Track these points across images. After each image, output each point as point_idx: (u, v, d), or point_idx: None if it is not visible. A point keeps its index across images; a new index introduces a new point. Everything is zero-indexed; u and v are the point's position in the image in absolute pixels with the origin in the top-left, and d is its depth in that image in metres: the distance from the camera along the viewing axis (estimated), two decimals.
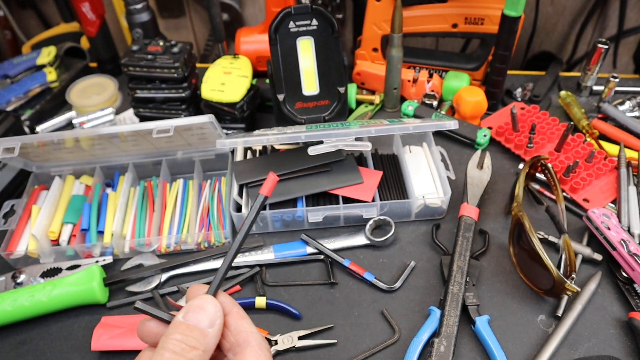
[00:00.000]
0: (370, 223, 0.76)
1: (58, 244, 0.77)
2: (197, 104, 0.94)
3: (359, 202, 0.77)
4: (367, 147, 0.75)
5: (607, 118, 0.91)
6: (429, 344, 0.62)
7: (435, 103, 0.97)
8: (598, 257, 0.71)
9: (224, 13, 1.29)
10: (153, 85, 0.87)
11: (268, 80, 0.89)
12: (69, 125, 1.01)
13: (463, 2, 0.92)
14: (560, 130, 0.87)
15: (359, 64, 1.01)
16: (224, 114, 0.90)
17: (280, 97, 0.85)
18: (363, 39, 1.00)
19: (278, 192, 0.77)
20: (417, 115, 0.95)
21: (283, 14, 0.81)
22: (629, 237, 0.69)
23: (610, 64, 1.20)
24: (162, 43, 0.88)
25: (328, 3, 1.20)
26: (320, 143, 0.74)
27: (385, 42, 0.96)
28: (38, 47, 1.15)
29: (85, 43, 1.20)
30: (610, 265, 0.71)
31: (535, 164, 0.78)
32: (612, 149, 0.86)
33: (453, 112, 0.97)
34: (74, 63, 1.11)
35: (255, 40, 1.06)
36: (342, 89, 0.85)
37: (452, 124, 0.76)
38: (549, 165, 0.77)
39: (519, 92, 0.98)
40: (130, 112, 1.01)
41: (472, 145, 0.90)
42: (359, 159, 0.84)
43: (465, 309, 0.66)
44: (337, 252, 0.74)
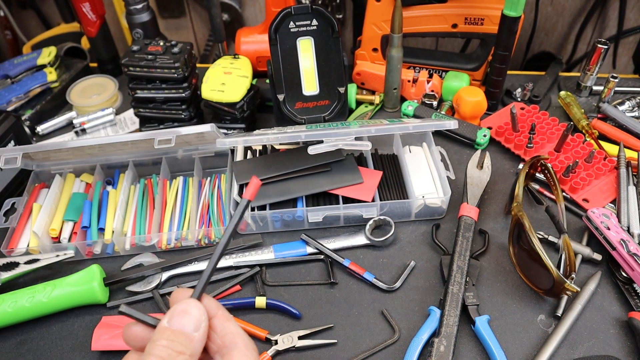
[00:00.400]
0: (370, 223, 0.76)
1: (59, 242, 0.77)
2: (197, 104, 0.94)
3: (359, 202, 0.77)
4: (367, 146, 0.75)
5: (606, 118, 0.91)
6: (429, 344, 0.62)
7: (435, 103, 0.97)
8: (598, 257, 0.71)
9: (224, 13, 1.29)
10: (153, 86, 0.87)
11: (268, 80, 0.89)
12: (70, 125, 1.01)
13: (463, 2, 0.92)
14: (560, 131, 0.87)
15: (359, 64, 1.02)
16: (224, 114, 0.90)
17: (280, 97, 0.85)
18: (363, 39, 1.00)
19: (278, 192, 0.77)
20: (417, 115, 0.95)
21: (283, 14, 0.81)
22: (629, 237, 0.70)
23: (610, 64, 1.20)
24: (162, 43, 0.88)
25: (328, 3, 1.20)
26: (320, 143, 0.74)
27: (385, 42, 0.97)
28: (38, 47, 1.15)
29: (86, 43, 1.20)
30: (610, 265, 0.71)
31: (535, 164, 0.78)
32: (611, 149, 0.86)
33: (453, 112, 0.97)
34: (75, 63, 1.11)
35: (256, 41, 1.06)
36: (342, 89, 0.85)
37: (452, 124, 0.76)
38: (549, 165, 0.77)
39: (519, 92, 0.98)
40: (131, 112, 1.01)
41: (472, 145, 0.90)
42: (359, 159, 0.85)
43: (465, 309, 0.66)
44: (337, 252, 0.74)
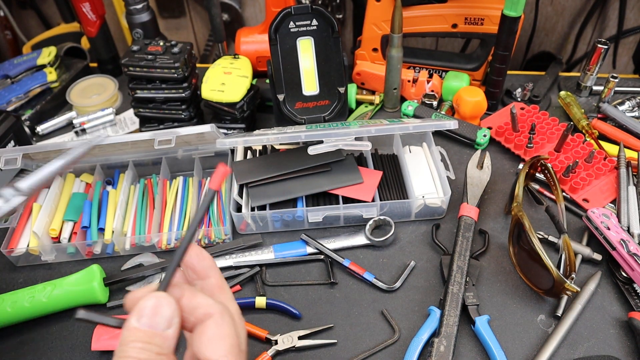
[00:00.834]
0: (370, 223, 0.76)
1: (59, 242, 0.77)
2: (197, 104, 0.94)
3: (359, 202, 0.77)
4: (367, 146, 0.75)
5: (606, 118, 0.91)
6: (429, 344, 0.62)
7: (435, 103, 0.97)
8: (598, 257, 0.71)
9: (224, 13, 1.29)
10: (153, 86, 0.87)
11: (268, 80, 0.89)
12: (69, 125, 1.01)
13: (463, 2, 0.92)
14: (560, 131, 0.87)
15: (359, 64, 1.02)
16: (224, 114, 0.90)
17: (280, 97, 0.85)
18: (363, 39, 1.00)
19: (278, 192, 0.77)
20: (417, 115, 0.95)
21: (283, 14, 0.81)
22: (629, 237, 0.70)
23: (610, 64, 1.20)
24: (162, 43, 0.88)
25: (328, 3, 1.20)
26: (320, 143, 0.74)
27: (385, 42, 0.97)
28: (38, 47, 1.15)
29: (86, 43, 1.20)
30: (610, 265, 0.71)
31: (535, 164, 0.78)
32: (611, 149, 0.86)
33: (453, 112, 0.97)
34: (74, 63, 1.11)
35: (255, 41, 1.06)
36: (342, 89, 0.85)
37: (452, 124, 0.76)
38: (549, 165, 0.77)
39: (519, 92, 0.98)
40: (131, 112, 1.01)
41: (472, 145, 0.90)
42: (359, 159, 0.85)
43: (465, 309, 0.66)
44: (337, 252, 0.74)
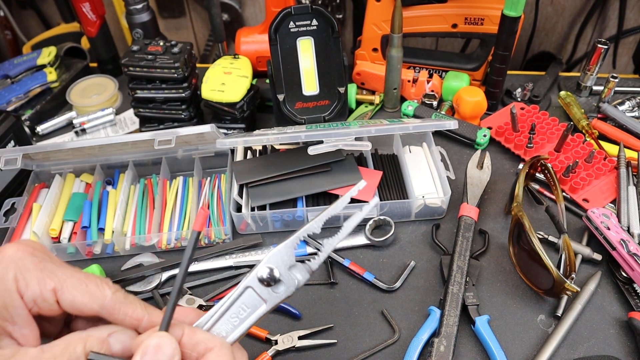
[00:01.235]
0: (370, 223, 0.76)
1: (59, 242, 0.77)
2: (197, 104, 0.94)
3: (359, 202, 0.77)
4: (367, 146, 0.75)
5: (606, 118, 0.91)
6: (429, 344, 0.62)
7: (435, 103, 0.97)
8: (598, 257, 0.71)
9: (224, 13, 1.29)
10: (153, 86, 0.87)
11: (268, 80, 0.89)
12: (70, 125, 1.01)
13: (463, 2, 0.92)
14: (560, 131, 0.87)
15: (359, 64, 1.02)
16: (224, 114, 0.90)
17: (280, 97, 0.85)
18: (363, 39, 1.00)
19: (278, 192, 0.77)
20: (417, 115, 0.95)
21: (283, 14, 0.81)
22: (629, 237, 0.70)
23: (610, 64, 1.20)
24: (162, 43, 0.88)
25: (328, 3, 1.20)
26: (320, 143, 0.74)
27: (385, 42, 0.97)
28: (38, 47, 1.15)
29: (86, 43, 1.20)
30: (610, 265, 0.71)
31: (535, 164, 0.78)
32: (611, 149, 0.86)
33: (453, 112, 0.97)
34: (74, 63, 1.11)
35: (255, 41, 1.06)
36: (342, 89, 0.85)
37: (452, 124, 0.76)
38: (549, 165, 0.77)
39: (519, 92, 0.98)
40: (131, 112, 1.01)
41: (472, 145, 0.90)
42: (359, 159, 0.85)
43: (465, 309, 0.66)
44: (337, 252, 0.74)
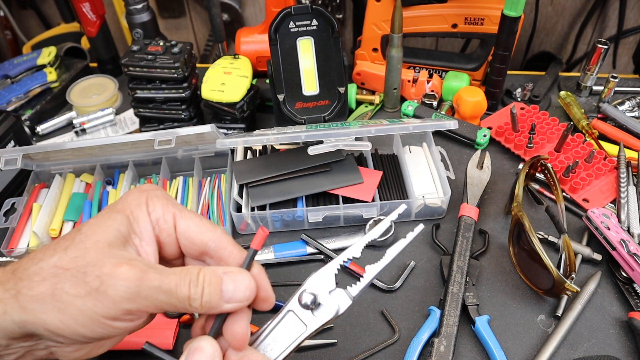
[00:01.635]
0: (370, 223, 0.76)
1: None
2: (197, 104, 0.94)
3: (359, 202, 0.77)
4: (367, 147, 0.75)
5: (606, 118, 0.91)
6: (429, 344, 0.62)
7: (435, 103, 0.97)
8: (598, 257, 0.71)
9: (224, 13, 1.29)
10: (153, 86, 0.87)
11: (268, 80, 0.89)
12: (70, 125, 1.01)
13: (463, 2, 0.92)
14: (560, 131, 0.87)
15: (359, 64, 1.02)
16: (224, 114, 0.90)
17: (280, 97, 0.85)
18: (363, 39, 1.00)
19: (278, 192, 0.77)
20: (417, 115, 0.95)
21: (283, 14, 0.81)
22: (629, 237, 0.70)
23: (610, 64, 1.20)
24: (162, 43, 0.88)
25: (328, 3, 1.20)
26: (320, 143, 0.74)
27: (385, 42, 0.97)
28: (38, 47, 1.15)
29: (86, 43, 1.20)
30: (610, 265, 0.71)
31: (535, 164, 0.78)
32: (611, 149, 0.86)
33: (453, 112, 0.97)
34: (74, 63, 1.11)
35: (255, 41, 1.06)
36: (342, 89, 0.85)
37: (452, 124, 0.76)
38: (549, 165, 0.77)
39: (519, 92, 0.98)
40: (131, 112, 1.01)
41: (472, 145, 0.90)
42: (359, 159, 0.85)
43: (465, 309, 0.66)
44: (337, 252, 0.74)
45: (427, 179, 0.81)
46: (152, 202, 0.43)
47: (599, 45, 0.91)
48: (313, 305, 0.43)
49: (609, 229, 0.70)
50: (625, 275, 0.68)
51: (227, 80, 0.87)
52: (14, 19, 1.31)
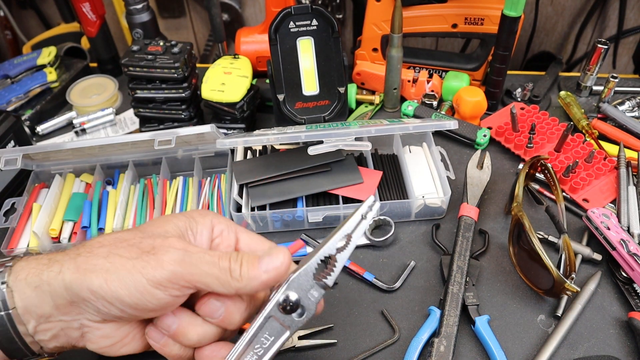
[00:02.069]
0: (370, 223, 0.76)
1: (59, 242, 0.77)
2: (197, 104, 0.94)
3: (359, 202, 0.77)
4: (367, 147, 0.75)
5: (606, 118, 0.91)
6: (429, 344, 0.62)
7: (435, 103, 0.97)
8: (598, 257, 0.71)
9: (224, 13, 1.29)
10: (153, 86, 0.87)
11: (268, 80, 0.89)
12: (70, 125, 1.01)
13: (463, 2, 0.92)
14: (560, 131, 0.87)
15: (359, 64, 1.02)
16: (224, 114, 0.90)
17: (280, 97, 0.85)
18: (363, 39, 1.00)
19: (278, 192, 0.77)
20: (417, 115, 0.95)
21: (283, 14, 0.81)
22: (629, 237, 0.70)
23: (610, 64, 1.20)
24: (162, 43, 0.88)
25: (328, 3, 1.20)
26: (320, 143, 0.74)
27: (385, 42, 0.97)
28: (38, 47, 1.15)
29: (86, 43, 1.20)
30: (610, 265, 0.71)
31: (535, 164, 0.78)
32: (611, 149, 0.86)
33: (453, 112, 0.97)
34: (74, 63, 1.11)
35: (255, 40, 1.06)
36: (342, 89, 0.85)
37: (452, 124, 0.76)
38: (549, 165, 0.77)
39: (519, 92, 0.98)
40: (131, 112, 1.01)
41: (472, 145, 0.90)
42: (359, 159, 0.85)
43: (465, 309, 0.66)
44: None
45: (427, 179, 0.81)
46: (217, 219, 0.50)
47: (599, 45, 0.91)
48: (294, 310, 0.44)
49: (609, 229, 0.70)
50: (625, 275, 0.68)
51: (227, 80, 0.87)
52: (14, 19, 1.31)
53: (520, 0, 0.81)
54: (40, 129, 0.99)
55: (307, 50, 0.84)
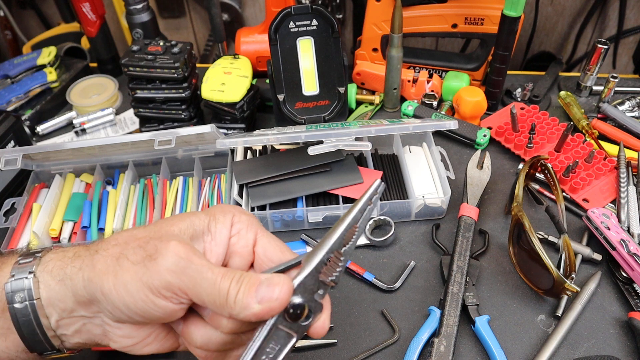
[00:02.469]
0: (370, 223, 0.76)
1: (59, 242, 0.77)
2: (197, 104, 0.94)
3: None
4: (367, 147, 0.75)
5: (606, 118, 0.91)
6: (429, 344, 0.62)
7: (435, 103, 0.97)
8: (598, 257, 0.71)
9: (224, 13, 1.29)
10: (153, 86, 0.87)
11: (268, 80, 0.89)
12: (70, 125, 1.01)
13: (463, 2, 0.92)
14: (560, 131, 0.87)
15: (359, 64, 1.02)
16: (224, 114, 0.90)
17: (280, 97, 0.85)
18: (363, 39, 1.00)
19: (278, 192, 0.77)
20: (417, 115, 0.95)
21: (283, 14, 0.81)
22: (629, 237, 0.70)
23: (610, 64, 1.20)
24: (162, 43, 0.88)
25: (328, 3, 1.20)
26: (320, 143, 0.74)
27: (385, 42, 0.97)
28: (38, 47, 1.15)
29: (86, 43, 1.20)
30: (610, 265, 0.71)
31: (535, 164, 0.78)
32: (611, 149, 0.86)
33: (453, 112, 0.97)
34: (74, 63, 1.11)
35: (255, 40, 1.06)
36: (342, 89, 0.85)
37: (452, 124, 0.76)
38: (549, 165, 0.77)
39: (519, 92, 0.98)
40: (131, 112, 1.01)
41: (472, 145, 0.90)
42: (359, 159, 0.85)
43: (465, 309, 0.66)
44: None
45: (427, 179, 0.81)
46: (238, 216, 0.47)
47: (599, 45, 0.91)
48: (301, 314, 0.41)
49: (609, 229, 0.70)
50: (625, 275, 0.68)
51: (227, 80, 0.87)
52: (14, 19, 1.31)
53: (520, 0, 0.81)
54: (40, 129, 0.99)
55: (307, 50, 0.84)
